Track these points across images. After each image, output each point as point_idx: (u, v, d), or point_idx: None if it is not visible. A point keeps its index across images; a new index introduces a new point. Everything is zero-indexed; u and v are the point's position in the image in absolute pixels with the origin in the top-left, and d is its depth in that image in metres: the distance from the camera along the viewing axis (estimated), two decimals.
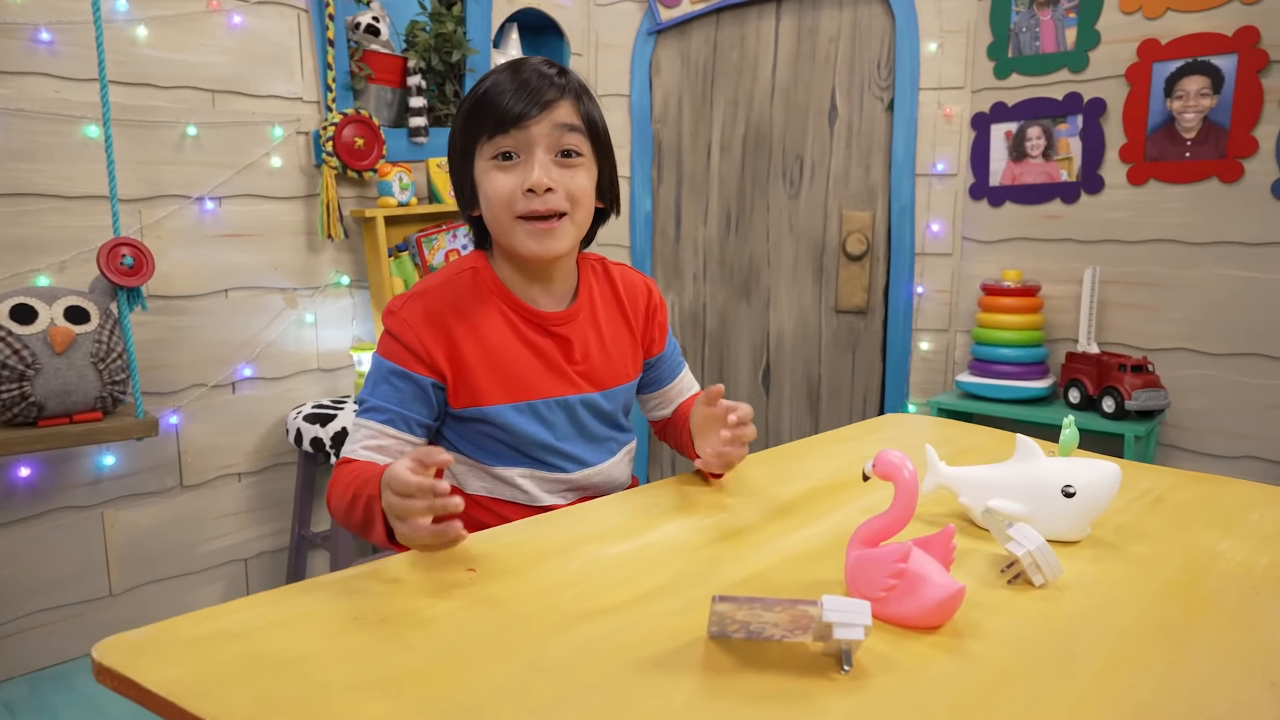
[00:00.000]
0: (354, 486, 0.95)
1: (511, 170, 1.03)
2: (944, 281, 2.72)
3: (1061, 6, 2.48)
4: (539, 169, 1.02)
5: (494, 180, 1.04)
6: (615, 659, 0.69)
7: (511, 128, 1.01)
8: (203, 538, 2.31)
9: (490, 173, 1.04)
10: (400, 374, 1.04)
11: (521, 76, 1.03)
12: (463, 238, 2.61)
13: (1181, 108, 2.32)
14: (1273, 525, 1.00)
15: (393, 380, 1.04)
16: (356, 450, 1.04)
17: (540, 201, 1.03)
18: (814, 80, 2.86)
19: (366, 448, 1.04)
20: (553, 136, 1.03)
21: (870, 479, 0.84)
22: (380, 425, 1.04)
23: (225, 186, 2.24)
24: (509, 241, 1.06)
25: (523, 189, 1.02)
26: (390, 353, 1.05)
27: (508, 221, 1.04)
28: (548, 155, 1.03)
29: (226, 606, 0.76)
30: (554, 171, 1.03)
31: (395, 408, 1.04)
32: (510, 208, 1.03)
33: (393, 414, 1.04)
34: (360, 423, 1.05)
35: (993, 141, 2.63)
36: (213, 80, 2.20)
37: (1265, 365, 2.25)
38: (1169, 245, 2.36)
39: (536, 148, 1.02)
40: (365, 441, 1.04)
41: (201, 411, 2.26)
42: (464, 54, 2.56)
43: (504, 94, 1.02)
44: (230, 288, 2.28)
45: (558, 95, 1.03)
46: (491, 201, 1.04)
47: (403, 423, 1.05)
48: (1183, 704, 0.63)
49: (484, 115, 1.03)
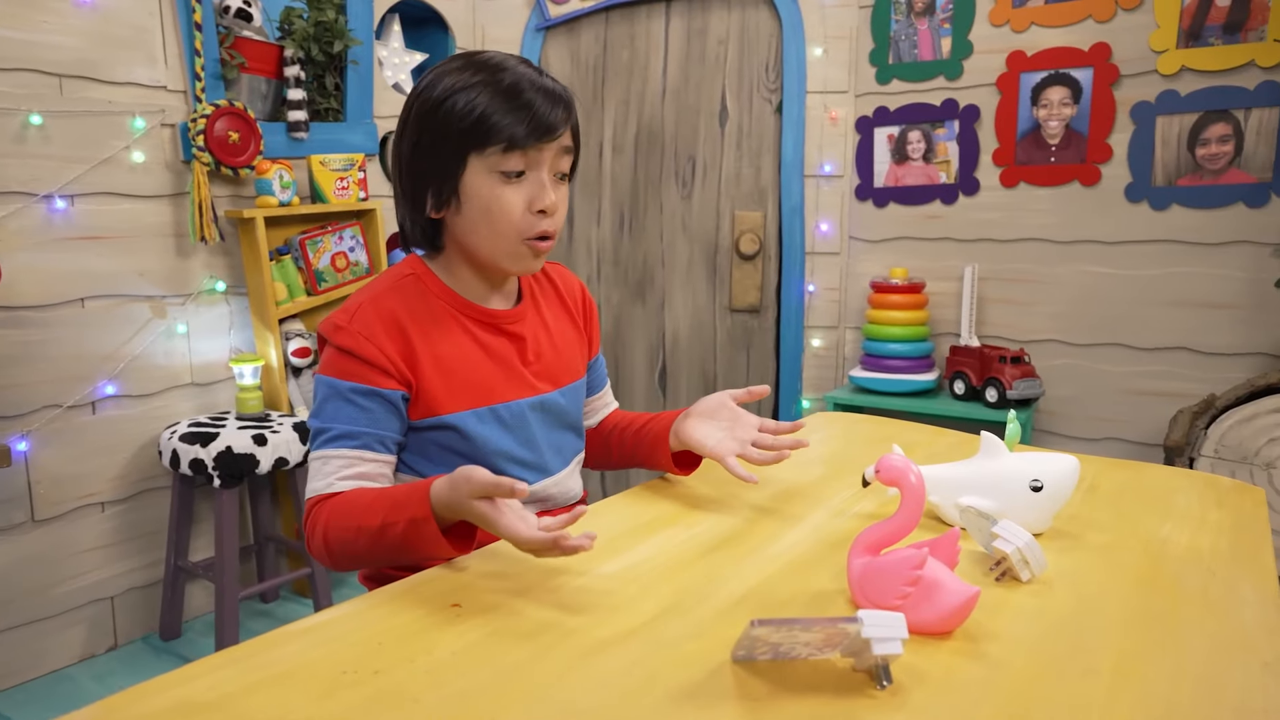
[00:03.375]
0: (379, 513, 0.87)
1: (519, 186, 0.97)
2: (833, 280, 2.81)
3: (937, 17, 2.61)
4: (553, 191, 0.97)
5: (502, 197, 0.96)
6: (646, 695, 0.64)
7: (540, 141, 0.94)
8: (60, 577, 2.06)
9: (495, 187, 0.96)
10: (364, 392, 0.95)
11: (544, 85, 0.95)
12: (349, 239, 2.46)
13: (1046, 115, 2.49)
14: (1198, 507, 1.08)
15: (356, 400, 0.95)
16: (334, 484, 0.94)
17: (550, 223, 0.98)
18: (704, 81, 2.88)
19: (345, 478, 0.94)
20: (559, 159, 0.99)
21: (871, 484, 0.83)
22: (355, 452, 0.94)
23: (79, 183, 2.01)
24: (502, 260, 1.00)
25: (533, 209, 0.97)
26: (347, 371, 0.95)
27: (512, 240, 0.98)
28: (550, 175, 0.98)
29: (187, 671, 0.66)
30: (557, 192, 0.99)
31: (367, 429, 0.95)
32: (520, 228, 0.97)
33: (367, 437, 0.95)
34: (326, 454, 0.94)
35: (876, 144, 2.74)
36: (60, 64, 1.96)
37: (1124, 354, 2.45)
38: (1038, 244, 2.53)
39: (544, 167, 0.97)
40: (342, 472, 0.94)
41: (56, 436, 2.02)
42: (346, 44, 2.41)
43: (532, 104, 0.94)
44: (87, 296, 2.05)
45: (569, 113, 0.98)
46: (496, 218, 0.97)
47: (379, 444, 0.96)
48: (1202, 696, 0.65)
49: (500, 122, 0.93)
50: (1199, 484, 1.17)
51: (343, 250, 2.44)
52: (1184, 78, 2.29)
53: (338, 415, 0.94)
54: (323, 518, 0.91)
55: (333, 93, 2.48)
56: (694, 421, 1.09)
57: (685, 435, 1.08)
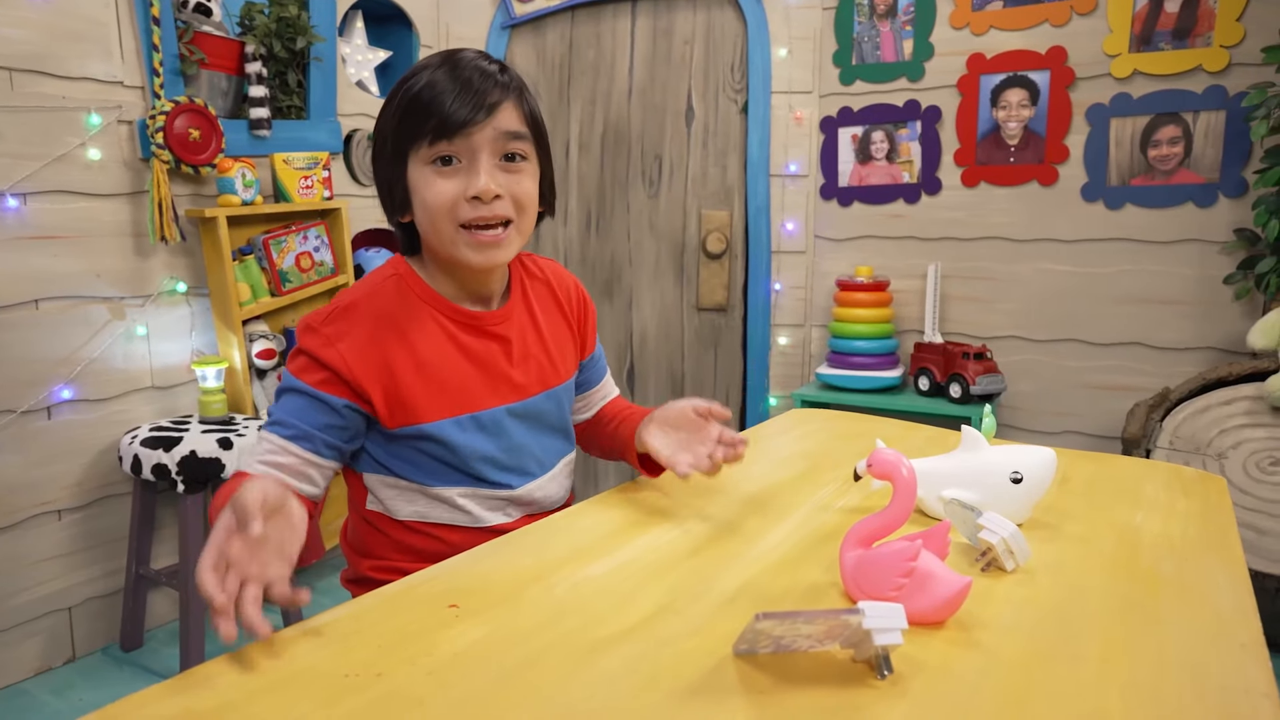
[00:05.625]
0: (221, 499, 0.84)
1: (453, 176, 0.95)
2: (799, 278, 2.84)
3: (899, 19, 2.65)
4: (485, 175, 0.95)
5: (434, 186, 0.95)
6: (650, 693, 0.65)
7: (455, 135, 0.93)
8: (15, 588, 2.00)
9: (429, 178, 0.96)
10: (310, 394, 0.95)
11: (461, 75, 0.94)
12: (314, 239, 2.42)
13: (1005, 117, 2.55)
14: (1165, 496, 1.11)
15: (302, 397, 0.96)
16: (253, 465, 0.95)
17: (487, 209, 0.96)
18: (670, 81, 2.89)
19: (264, 463, 0.94)
20: (498, 141, 0.96)
21: (863, 478, 0.85)
22: (283, 440, 0.95)
23: (31, 181, 1.94)
24: (450, 252, 0.98)
25: (467, 196, 0.95)
26: (303, 371, 0.96)
27: (450, 230, 0.96)
28: (492, 160, 0.96)
29: (186, 678, 0.65)
30: (499, 177, 0.96)
31: (300, 424, 0.95)
32: (453, 215, 0.96)
33: (297, 430, 0.95)
34: (264, 435, 0.96)
35: (840, 144, 2.78)
36: (10, 57, 1.90)
37: (1081, 350, 2.52)
38: (999, 242, 2.59)
39: (481, 153, 0.95)
40: (264, 456, 0.95)
41: (10, 441, 1.95)
42: (309, 41, 2.37)
43: (443, 95, 0.93)
44: (41, 298, 1.99)
45: (501, 96, 0.96)
46: (431, 209, 0.96)
47: (307, 441, 0.96)
48: (1186, 678, 0.68)
49: (420, 118, 0.94)
50: (1164, 474, 1.21)
51: (307, 250, 2.40)
52: (1136, 81, 2.36)
53: (283, 404, 0.97)
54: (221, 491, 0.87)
55: (295, 90, 2.44)
56: (653, 429, 1.09)
57: (646, 441, 1.08)
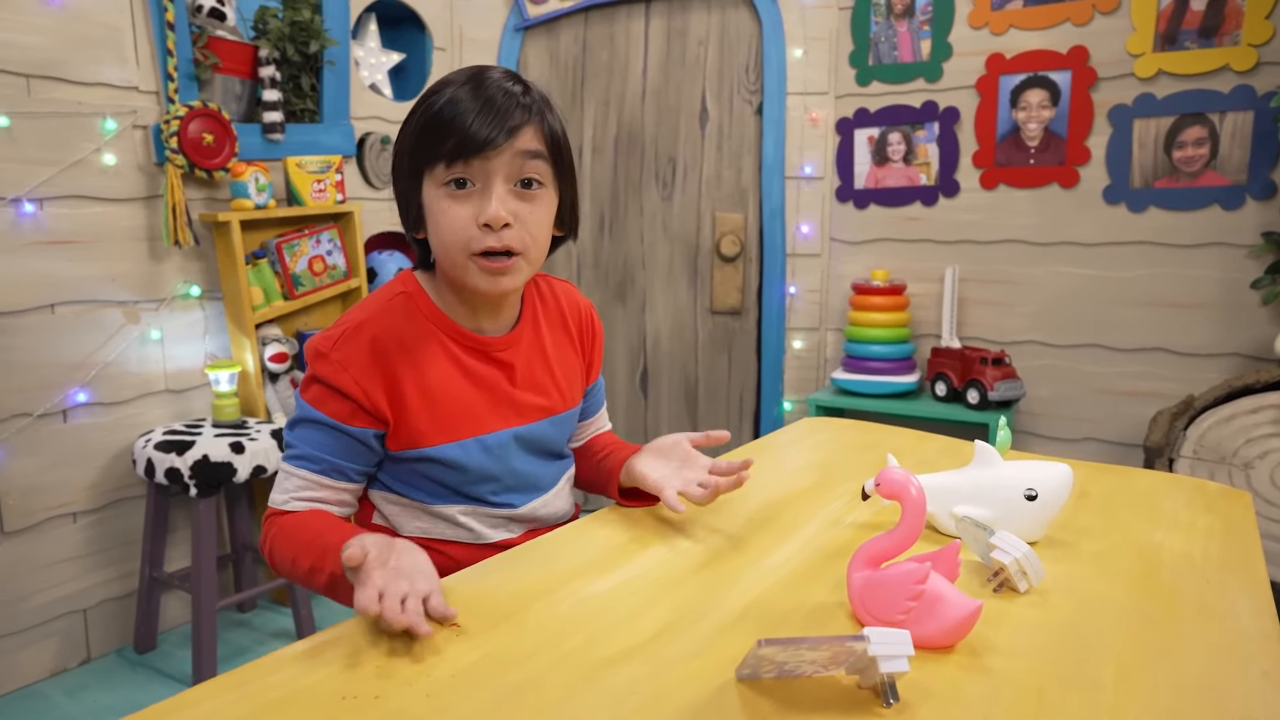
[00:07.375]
0: (310, 555, 0.88)
1: (466, 200, 0.93)
2: (814, 281, 2.81)
3: (917, 19, 2.62)
4: (496, 202, 0.91)
5: (446, 211, 0.93)
6: (654, 715, 0.63)
7: (473, 157, 0.91)
8: (30, 590, 2.01)
9: (442, 201, 0.93)
10: (335, 427, 0.94)
11: (485, 94, 0.91)
12: (327, 243, 2.43)
13: (1025, 118, 2.51)
14: (1186, 513, 1.09)
15: (325, 430, 0.94)
16: (290, 502, 0.95)
17: (496, 238, 0.93)
18: (684, 82, 2.87)
19: (301, 499, 0.95)
20: (514, 165, 0.93)
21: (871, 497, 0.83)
22: (316, 476, 0.95)
23: (47, 186, 1.96)
24: (461, 276, 0.96)
25: (478, 222, 0.92)
26: (321, 401, 0.94)
27: (461, 258, 0.94)
28: (506, 185, 0.93)
29: (185, 698, 0.64)
30: (511, 204, 0.93)
31: (329, 457, 0.94)
32: (464, 243, 0.93)
33: (328, 464, 0.95)
34: (290, 470, 0.95)
35: (856, 146, 2.75)
36: (27, 64, 1.91)
37: (1102, 355, 2.48)
38: (1018, 245, 2.55)
39: (495, 178, 0.92)
40: (299, 493, 0.95)
41: (25, 445, 1.97)
42: (323, 45, 2.37)
43: (465, 115, 0.90)
44: (57, 302, 2.00)
45: (524, 119, 0.92)
46: (442, 234, 0.94)
47: (338, 473, 0.96)
48: (1205, 705, 0.66)
49: (439, 137, 0.91)
50: (1186, 489, 1.18)
51: (320, 254, 2.41)
52: (1160, 81, 2.32)
53: (307, 437, 0.95)
54: (271, 534, 0.94)
55: (309, 93, 2.44)
56: (645, 457, 1.07)
57: (635, 470, 1.06)
